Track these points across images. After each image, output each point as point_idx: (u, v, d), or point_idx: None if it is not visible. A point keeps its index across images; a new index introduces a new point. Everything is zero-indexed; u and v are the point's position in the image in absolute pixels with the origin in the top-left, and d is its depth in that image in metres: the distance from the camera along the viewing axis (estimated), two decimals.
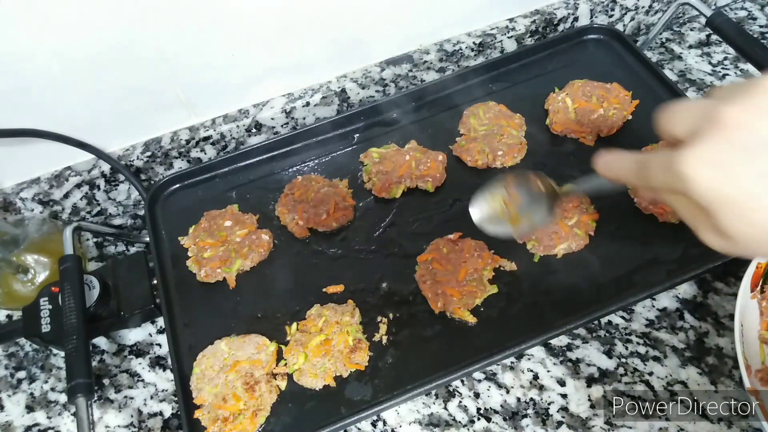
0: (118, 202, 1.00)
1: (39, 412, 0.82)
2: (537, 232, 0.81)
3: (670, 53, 1.12)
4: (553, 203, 0.68)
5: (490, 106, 0.97)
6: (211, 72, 0.91)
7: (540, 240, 0.81)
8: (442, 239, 0.83)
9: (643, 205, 0.82)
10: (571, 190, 0.66)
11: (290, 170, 0.96)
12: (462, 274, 0.78)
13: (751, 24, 1.15)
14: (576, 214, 0.82)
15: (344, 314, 0.78)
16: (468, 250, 0.81)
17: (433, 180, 0.90)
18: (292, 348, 0.76)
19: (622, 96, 0.95)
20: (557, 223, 0.81)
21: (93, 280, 0.81)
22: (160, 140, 0.96)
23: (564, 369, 0.77)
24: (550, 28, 1.07)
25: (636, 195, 0.83)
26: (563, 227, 0.81)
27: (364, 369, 0.74)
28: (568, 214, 0.82)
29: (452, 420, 0.75)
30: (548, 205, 0.69)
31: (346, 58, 1.00)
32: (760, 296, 0.74)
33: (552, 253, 0.81)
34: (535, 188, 0.71)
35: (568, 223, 0.82)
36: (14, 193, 0.92)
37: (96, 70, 0.83)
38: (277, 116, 0.99)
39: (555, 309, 0.76)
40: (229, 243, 0.87)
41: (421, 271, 0.81)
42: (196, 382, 0.75)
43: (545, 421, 0.73)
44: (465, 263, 0.79)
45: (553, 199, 0.68)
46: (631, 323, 0.80)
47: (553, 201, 0.68)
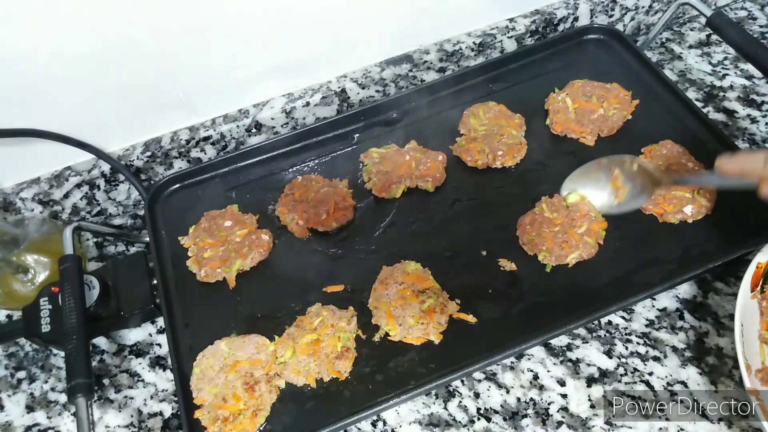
0: (118, 202, 1.00)
1: (39, 412, 0.82)
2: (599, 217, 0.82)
3: (670, 53, 1.12)
4: (650, 186, 0.76)
5: (490, 106, 0.97)
6: (211, 72, 0.91)
7: (551, 251, 0.80)
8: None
9: (644, 207, 0.83)
10: (675, 180, 0.76)
11: (290, 170, 0.96)
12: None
13: (751, 24, 1.15)
14: (585, 222, 0.81)
15: (341, 319, 0.78)
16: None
17: (433, 180, 0.90)
18: (283, 340, 0.77)
19: (622, 96, 0.95)
20: (567, 231, 0.81)
21: (93, 280, 0.81)
22: (160, 140, 0.96)
23: (564, 369, 0.77)
24: (550, 28, 1.07)
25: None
26: (573, 236, 0.80)
27: (344, 379, 0.74)
28: (577, 223, 0.82)
29: (452, 420, 0.75)
30: (646, 187, 0.77)
31: (346, 58, 1.00)
32: (760, 296, 0.74)
33: (564, 262, 0.80)
34: (634, 170, 0.79)
35: (577, 232, 0.81)
36: (14, 193, 0.92)
37: (96, 70, 0.83)
38: (277, 116, 0.99)
39: (555, 309, 0.76)
40: (229, 243, 0.87)
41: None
42: (196, 382, 0.75)
43: (545, 421, 0.73)
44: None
45: (650, 183, 0.76)
46: (631, 323, 0.80)
47: (650, 184, 0.76)
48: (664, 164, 0.85)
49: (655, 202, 0.82)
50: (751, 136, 0.97)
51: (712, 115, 1.00)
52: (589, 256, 0.80)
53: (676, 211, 0.82)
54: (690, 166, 0.85)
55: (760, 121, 0.99)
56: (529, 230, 0.82)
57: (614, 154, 0.91)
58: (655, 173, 0.77)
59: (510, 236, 0.84)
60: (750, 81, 1.05)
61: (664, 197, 0.82)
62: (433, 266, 0.82)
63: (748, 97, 1.03)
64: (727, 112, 1.01)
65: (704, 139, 0.89)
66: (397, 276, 0.80)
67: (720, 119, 1.00)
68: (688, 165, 0.85)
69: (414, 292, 0.78)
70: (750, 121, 0.99)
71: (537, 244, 0.81)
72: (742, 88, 1.04)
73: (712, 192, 0.82)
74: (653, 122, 0.93)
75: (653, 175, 0.77)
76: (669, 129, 0.91)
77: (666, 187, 0.78)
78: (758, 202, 0.81)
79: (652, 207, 0.83)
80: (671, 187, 0.80)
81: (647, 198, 0.79)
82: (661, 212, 0.82)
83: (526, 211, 0.86)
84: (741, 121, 1.00)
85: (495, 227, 0.86)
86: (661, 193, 0.82)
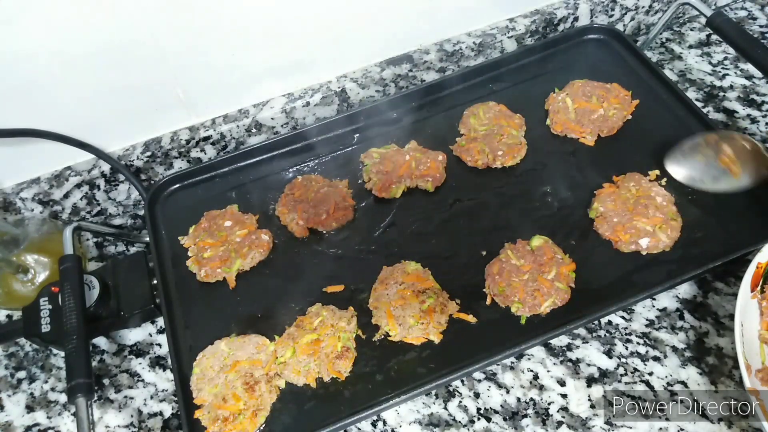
0: (118, 202, 1.00)
1: (39, 412, 0.82)
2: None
3: (670, 53, 1.12)
4: (760, 169, 0.76)
5: (490, 106, 0.97)
6: (211, 72, 0.91)
7: (524, 301, 0.76)
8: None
9: (601, 231, 0.82)
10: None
11: (290, 170, 0.96)
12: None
13: (751, 24, 1.15)
14: (554, 267, 0.79)
15: (341, 319, 0.78)
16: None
17: (433, 180, 0.90)
18: (283, 340, 0.77)
19: (622, 96, 0.95)
20: (537, 279, 0.77)
21: (93, 280, 0.81)
22: (160, 140, 0.96)
23: (564, 369, 0.77)
24: (550, 28, 1.07)
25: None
26: (544, 282, 0.77)
27: (344, 379, 0.74)
28: (545, 268, 0.79)
29: (452, 420, 0.75)
30: (756, 168, 0.77)
31: (346, 58, 1.00)
32: (760, 296, 0.74)
33: (537, 312, 0.76)
34: (742, 147, 0.78)
35: (547, 278, 0.78)
36: (14, 193, 0.92)
37: (96, 70, 0.83)
38: (277, 116, 0.99)
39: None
40: (229, 243, 0.87)
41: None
42: (196, 382, 0.75)
43: (545, 421, 0.73)
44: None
45: (760, 164, 0.76)
46: (631, 323, 0.80)
47: (760, 166, 0.76)
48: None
49: (613, 229, 0.81)
50: (751, 136, 0.97)
51: (712, 115, 1.00)
52: (563, 302, 0.77)
53: (631, 242, 0.80)
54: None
55: (760, 121, 0.99)
56: (498, 280, 0.78)
57: (614, 153, 0.91)
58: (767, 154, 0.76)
59: (510, 236, 0.84)
60: (750, 81, 1.05)
61: (623, 225, 0.80)
62: (433, 266, 0.82)
63: (748, 97, 1.03)
64: (727, 112, 1.01)
65: None
66: (397, 276, 0.80)
67: (720, 119, 1.00)
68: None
69: (414, 292, 0.78)
70: (750, 121, 0.99)
71: (508, 295, 0.77)
72: (742, 88, 1.04)
73: (676, 229, 0.80)
74: (653, 122, 0.93)
75: (764, 156, 0.76)
76: (669, 129, 0.92)
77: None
78: (758, 202, 0.82)
79: (609, 234, 0.81)
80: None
81: (754, 179, 0.78)
82: (616, 240, 0.81)
83: (526, 213, 0.86)
84: (741, 121, 1.00)
85: (495, 227, 0.86)
86: (539, 262, 0.79)
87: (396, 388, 0.72)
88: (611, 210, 0.82)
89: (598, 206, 0.84)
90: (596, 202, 0.84)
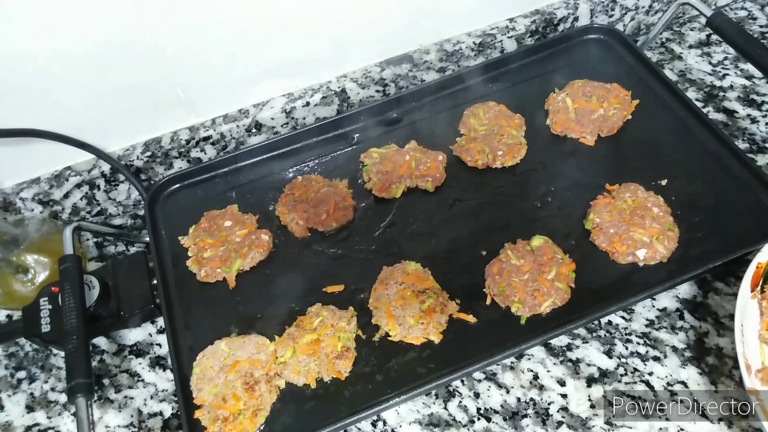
0: (118, 202, 1.00)
1: (39, 412, 0.82)
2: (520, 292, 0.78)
3: (670, 53, 1.12)
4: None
5: (490, 106, 0.97)
6: (211, 72, 0.91)
7: (524, 301, 0.76)
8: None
9: (597, 243, 0.81)
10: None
11: (290, 170, 0.96)
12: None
13: (751, 24, 1.15)
14: (554, 267, 0.79)
15: (341, 319, 0.78)
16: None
17: (433, 180, 0.90)
18: (283, 340, 0.77)
19: (622, 96, 0.95)
20: (537, 279, 0.77)
21: (93, 280, 0.81)
22: (160, 140, 0.96)
23: (564, 369, 0.77)
24: (550, 28, 1.07)
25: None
26: (544, 282, 0.77)
27: (344, 379, 0.74)
28: (545, 268, 0.78)
29: (452, 420, 0.75)
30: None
31: (346, 58, 1.00)
32: (760, 296, 0.74)
33: (538, 312, 0.76)
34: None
35: (547, 278, 0.78)
36: (14, 193, 0.92)
37: (96, 69, 0.83)
38: (277, 116, 0.99)
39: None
40: (229, 243, 0.87)
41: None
42: (196, 382, 0.75)
43: (545, 421, 0.73)
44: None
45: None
46: (631, 323, 0.80)
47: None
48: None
49: (610, 241, 0.80)
50: (751, 136, 0.97)
51: (712, 115, 1.00)
52: (563, 302, 0.77)
53: (628, 253, 0.79)
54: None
55: (760, 121, 0.99)
56: (498, 280, 0.78)
57: (614, 154, 0.91)
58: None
59: (510, 236, 0.84)
60: (750, 81, 1.05)
61: (619, 236, 0.80)
62: (433, 266, 0.82)
63: (748, 97, 1.03)
64: (727, 112, 1.01)
65: (704, 139, 0.89)
66: (397, 276, 0.80)
67: (720, 119, 1.00)
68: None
69: (414, 292, 0.78)
70: (750, 121, 0.99)
71: (508, 295, 0.77)
72: (742, 88, 1.04)
73: (673, 240, 0.80)
74: (653, 122, 0.93)
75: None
76: (669, 129, 0.92)
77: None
78: (758, 202, 0.82)
79: (605, 245, 0.81)
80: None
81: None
82: (613, 251, 0.80)
83: (526, 213, 0.86)
84: (741, 121, 1.00)
85: (495, 227, 0.86)
86: (539, 262, 0.78)
87: (396, 388, 0.72)
88: (607, 221, 0.82)
89: (594, 217, 0.83)
90: (592, 213, 0.83)
